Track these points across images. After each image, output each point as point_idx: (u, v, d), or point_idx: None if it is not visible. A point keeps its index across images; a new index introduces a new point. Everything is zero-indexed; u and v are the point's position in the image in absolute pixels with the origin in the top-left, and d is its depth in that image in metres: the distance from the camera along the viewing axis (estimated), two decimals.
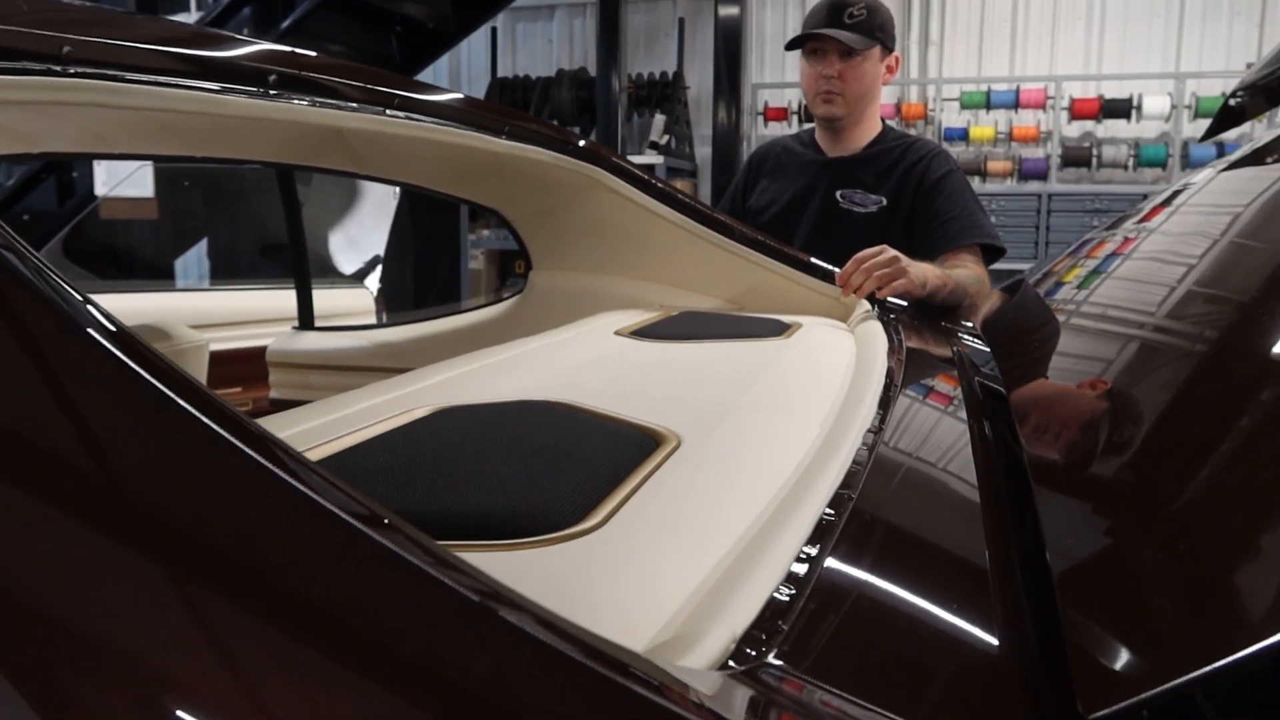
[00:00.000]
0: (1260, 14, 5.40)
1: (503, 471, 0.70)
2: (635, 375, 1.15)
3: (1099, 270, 1.57)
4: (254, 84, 0.92)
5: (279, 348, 2.26)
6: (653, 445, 0.80)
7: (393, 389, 1.00)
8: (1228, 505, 0.58)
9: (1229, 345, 0.89)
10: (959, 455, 0.88)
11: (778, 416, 0.96)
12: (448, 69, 6.71)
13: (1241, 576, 0.51)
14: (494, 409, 0.89)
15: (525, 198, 2.00)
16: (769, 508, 0.68)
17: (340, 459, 0.73)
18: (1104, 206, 5.05)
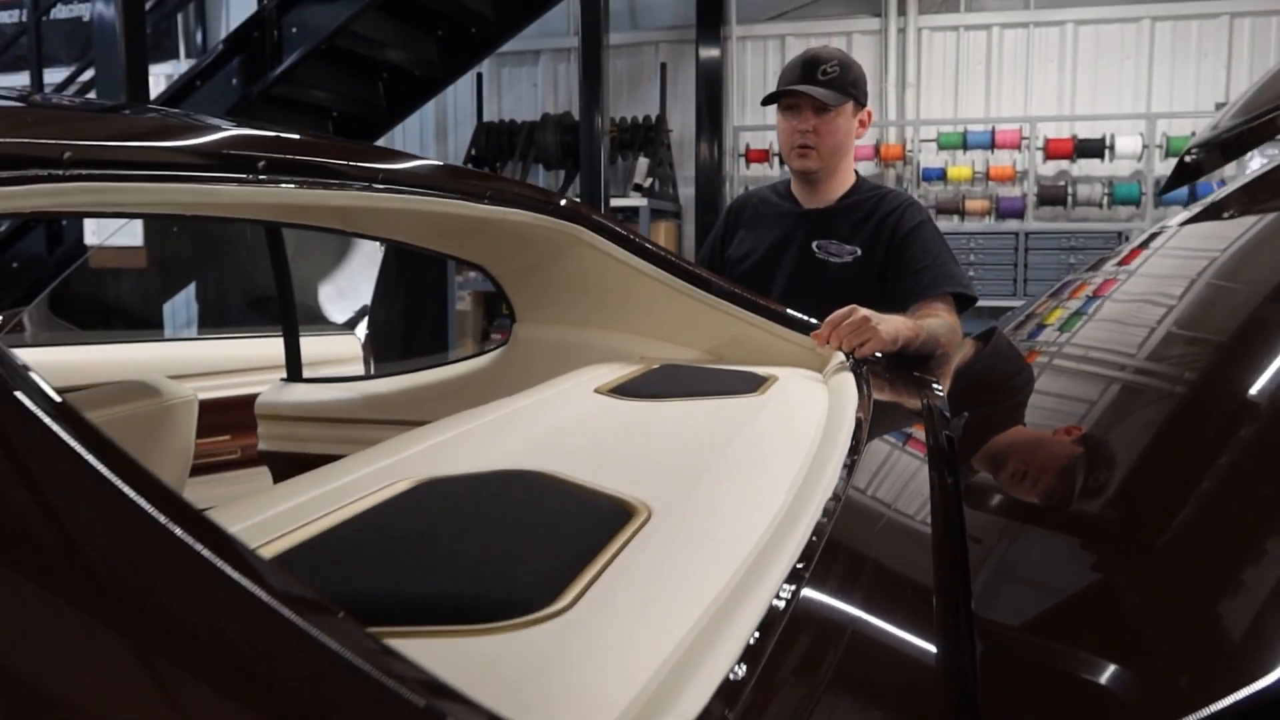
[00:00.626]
0: (1227, 54, 5.54)
1: (477, 551, 0.74)
2: (612, 438, 1.19)
3: (1066, 326, 1.62)
4: (243, 170, 0.97)
5: (267, 400, 2.29)
6: (625, 517, 0.84)
7: (378, 459, 1.04)
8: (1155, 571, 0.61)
9: (1177, 407, 0.95)
10: (918, 519, 0.92)
11: (746, 482, 1.00)
12: (434, 114, 6.80)
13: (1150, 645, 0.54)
14: (474, 480, 0.93)
15: (509, 254, 2.05)
16: (730, 584, 0.72)
17: (319, 542, 0.76)
18: (1080, 244, 5.15)
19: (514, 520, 0.83)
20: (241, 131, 1.02)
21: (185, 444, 2.09)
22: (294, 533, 0.78)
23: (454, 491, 0.90)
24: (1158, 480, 0.75)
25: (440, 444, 1.12)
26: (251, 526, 0.80)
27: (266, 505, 0.87)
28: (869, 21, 5.98)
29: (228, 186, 0.93)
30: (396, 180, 1.25)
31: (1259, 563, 0.55)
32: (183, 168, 0.90)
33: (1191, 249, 1.54)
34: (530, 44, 6.36)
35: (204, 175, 0.91)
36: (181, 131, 0.94)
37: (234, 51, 4.86)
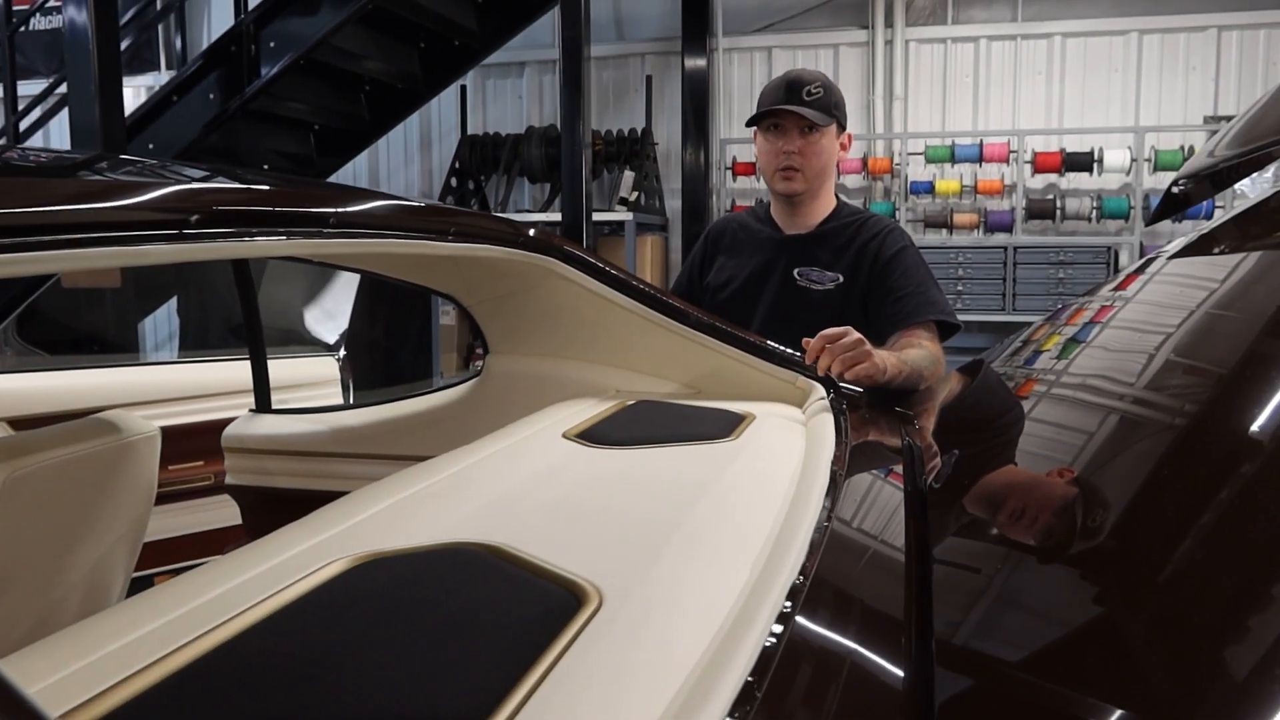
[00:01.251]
0: (1215, 68, 5.52)
1: (405, 659, 0.68)
2: (573, 498, 1.13)
3: (1062, 354, 1.57)
4: (171, 228, 0.91)
5: (235, 432, 2.22)
6: (573, 606, 0.78)
7: (322, 528, 0.97)
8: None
9: (1169, 442, 0.93)
10: (887, 603, 0.86)
11: (709, 555, 0.94)
12: (418, 127, 6.74)
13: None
14: (416, 561, 0.87)
15: (480, 285, 1.99)
16: (683, 691, 0.66)
17: (234, 646, 0.70)
18: (1069, 259, 5.11)
19: (452, 613, 0.77)
20: (172, 187, 0.96)
21: (148, 481, 2.02)
22: (210, 634, 0.72)
23: (391, 576, 0.84)
24: (1149, 518, 0.75)
25: (391, 509, 1.05)
26: (160, 629, 0.74)
27: (183, 596, 0.81)
28: (856, 34, 5.94)
29: (154, 247, 0.87)
30: (351, 224, 1.18)
31: (1254, 602, 0.56)
32: (106, 229, 0.84)
33: (1184, 282, 1.49)
34: (515, 56, 6.30)
35: (126, 235, 0.85)
36: (105, 192, 0.88)
37: (211, 66, 4.79)
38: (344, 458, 2.13)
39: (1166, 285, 1.50)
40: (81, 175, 1.11)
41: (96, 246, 0.80)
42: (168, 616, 0.76)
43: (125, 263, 0.85)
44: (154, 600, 0.80)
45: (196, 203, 0.94)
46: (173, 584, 0.84)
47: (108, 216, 0.83)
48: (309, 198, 1.14)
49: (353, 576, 0.82)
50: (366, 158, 6.58)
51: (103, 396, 3.02)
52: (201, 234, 0.93)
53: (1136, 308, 1.48)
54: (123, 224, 0.84)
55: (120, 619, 0.79)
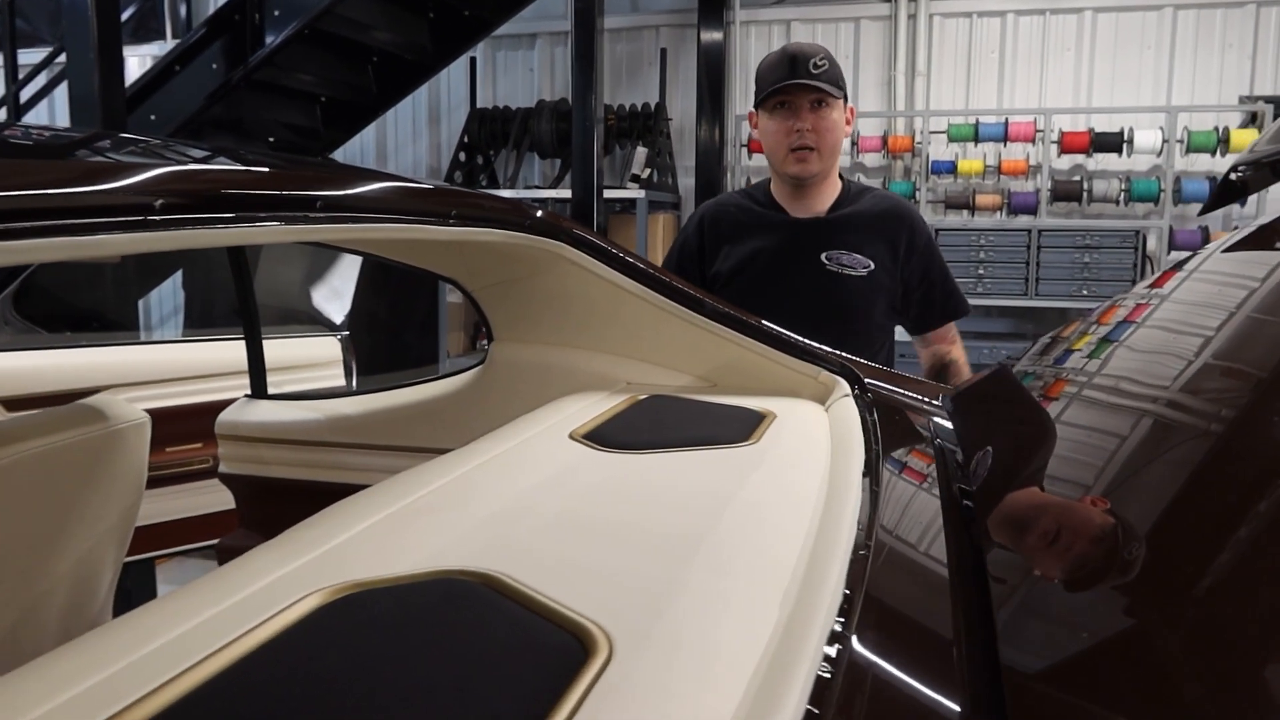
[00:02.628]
0: (1253, 46, 5.33)
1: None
2: (579, 515, 1.02)
3: (1095, 354, 1.48)
4: (135, 214, 0.80)
5: (229, 419, 2.13)
6: (579, 655, 0.67)
7: (296, 552, 0.87)
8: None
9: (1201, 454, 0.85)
10: (940, 668, 0.75)
11: (732, 590, 0.83)
12: (426, 99, 6.60)
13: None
14: (401, 596, 0.76)
15: (484, 270, 1.89)
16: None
17: (191, 703, 0.61)
18: (1096, 243, 4.96)
19: (438, 663, 0.66)
20: (143, 171, 0.85)
21: (137, 469, 1.94)
22: (154, 696, 0.62)
23: (371, 614, 0.73)
24: (1190, 531, 0.71)
25: (378, 526, 0.95)
26: (103, 683, 0.64)
27: (135, 638, 0.70)
28: (878, 7, 5.77)
29: (111, 235, 0.76)
30: (339, 207, 1.07)
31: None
32: (59, 216, 0.73)
33: (1236, 278, 1.38)
34: (526, 27, 6.15)
35: (83, 223, 0.75)
36: (68, 178, 0.77)
37: (214, 35, 4.66)
38: (342, 447, 2.04)
39: (1217, 281, 1.39)
40: (38, 157, 1.00)
41: (49, 236, 0.70)
42: (113, 667, 0.66)
43: (82, 254, 0.74)
44: (101, 643, 0.70)
45: (165, 187, 0.83)
46: (124, 621, 0.74)
47: (62, 203, 0.72)
48: (294, 179, 1.02)
49: (328, 614, 0.72)
50: (374, 131, 6.45)
51: (98, 376, 2.95)
52: (169, 221, 0.82)
53: (1181, 306, 1.37)
54: (81, 210, 0.73)
55: (62, 666, 0.69)
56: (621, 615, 0.72)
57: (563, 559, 0.86)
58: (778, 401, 1.69)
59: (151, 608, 0.76)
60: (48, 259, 0.73)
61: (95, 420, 1.83)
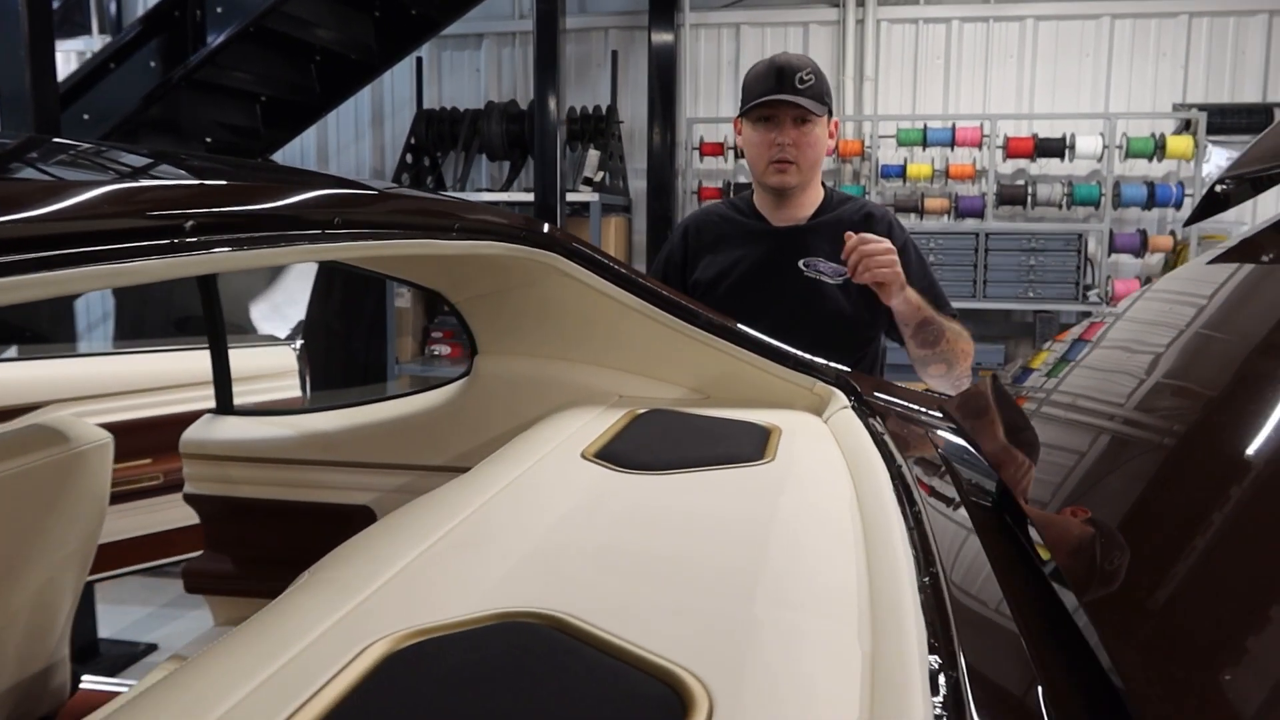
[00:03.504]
0: (1185, 55, 5.51)
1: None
2: (622, 542, 0.98)
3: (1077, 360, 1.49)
4: (168, 236, 0.74)
5: (194, 437, 2.04)
6: (678, 708, 0.63)
7: (339, 597, 0.81)
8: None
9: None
10: (1054, 682, 0.73)
11: (806, 623, 0.81)
12: (370, 101, 6.46)
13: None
14: (469, 641, 0.72)
15: (471, 281, 1.83)
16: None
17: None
18: (1040, 245, 5.07)
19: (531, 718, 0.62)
20: (171, 187, 0.79)
21: (99, 492, 1.84)
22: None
23: (444, 665, 0.68)
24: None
25: (417, 564, 0.90)
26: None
27: (199, 700, 0.65)
28: (827, 11, 5.81)
29: (146, 262, 0.71)
30: (355, 226, 1.02)
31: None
32: (92, 242, 0.67)
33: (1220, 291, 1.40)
34: (472, 27, 6.06)
35: (116, 249, 0.68)
36: (96, 206, 0.71)
37: (152, 32, 4.48)
38: (317, 465, 1.96)
39: (1204, 294, 1.41)
40: (36, 174, 0.93)
41: (77, 266, 0.64)
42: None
43: (110, 282, 0.68)
44: (156, 707, 0.65)
45: (198, 202, 0.77)
46: (172, 683, 0.68)
47: (92, 229, 0.66)
48: (309, 198, 0.97)
49: (396, 668, 0.67)
50: (315, 133, 6.29)
51: (39, 391, 2.81)
52: (192, 244, 0.76)
53: (1149, 321, 1.39)
54: (117, 236, 0.67)
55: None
56: (707, 659, 0.69)
57: (621, 595, 0.82)
58: (776, 414, 1.68)
59: (201, 666, 0.70)
60: (81, 290, 0.67)
61: (56, 442, 1.73)
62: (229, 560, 2.07)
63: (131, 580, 3.33)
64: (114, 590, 3.86)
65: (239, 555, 2.07)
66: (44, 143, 1.53)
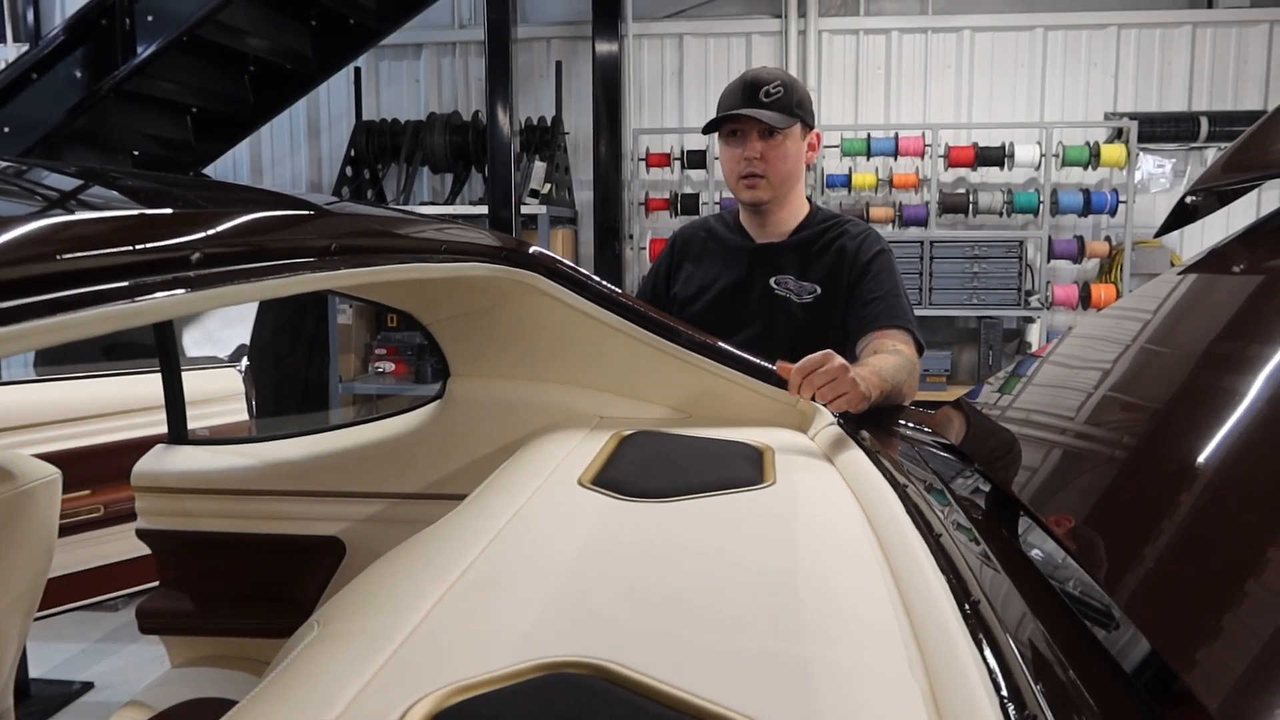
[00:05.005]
0: (1115, 65, 5.67)
1: None
2: (648, 586, 0.94)
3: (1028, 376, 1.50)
4: (176, 270, 0.68)
5: (147, 469, 1.93)
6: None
7: (366, 653, 0.76)
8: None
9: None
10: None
11: (855, 663, 0.78)
12: (305, 112, 6.30)
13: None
14: (518, 698, 0.67)
15: (444, 302, 1.77)
16: None
17: None
18: (983, 253, 5.16)
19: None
20: (184, 220, 0.73)
21: (47, 530, 1.74)
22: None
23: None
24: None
25: (441, 611, 0.84)
26: None
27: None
28: (769, 22, 5.85)
29: (154, 301, 0.65)
30: (354, 252, 0.96)
31: None
32: (103, 280, 0.61)
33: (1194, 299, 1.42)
34: (411, 37, 5.96)
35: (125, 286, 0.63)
36: (109, 235, 0.64)
37: (77, 40, 4.30)
38: (282, 495, 1.88)
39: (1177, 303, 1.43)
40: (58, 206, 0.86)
41: (92, 310, 0.58)
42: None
43: (121, 324, 0.62)
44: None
45: (210, 230, 0.71)
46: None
47: (100, 264, 0.60)
48: (321, 227, 0.91)
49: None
50: (248, 145, 6.11)
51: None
52: (205, 278, 0.71)
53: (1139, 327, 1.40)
54: (128, 272, 0.61)
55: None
56: (765, 704, 0.65)
57: (660, 638, 0.78)
58: (763, 433, 1.65)
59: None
60: (89, 334, 0.61)
61: (2, 480, 1.63)
62: (187, 598, 1.97)
63: (61, 615, 3.17)
64: (44, 627, 3.67)
65: (198, 592, 1.97)
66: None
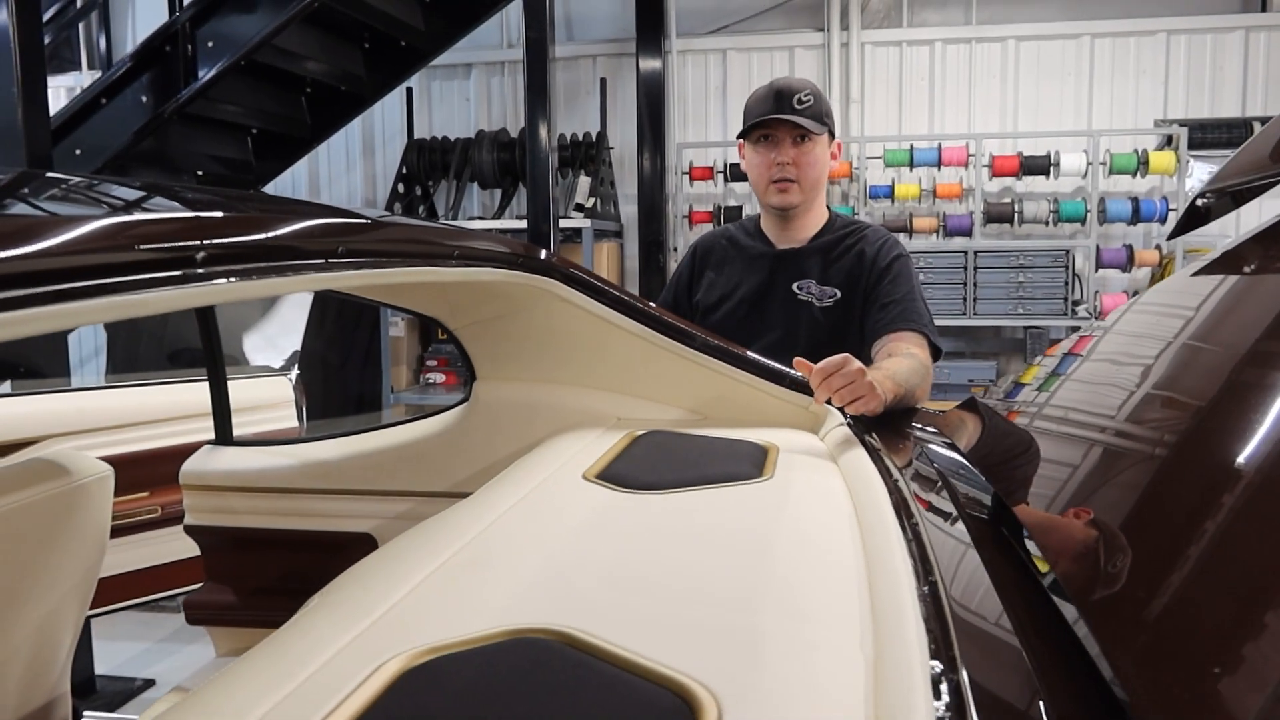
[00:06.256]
0: (1165, 72, 5.60)
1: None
2: (626, 559, 1.00)
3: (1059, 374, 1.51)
4: (180, 267, 0.76)
5: (194, 468, 2.04)
6: (687, 716, 0.65)
7: (352, 616, 0.83)
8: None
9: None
10: (1048, 684, 0.74)
11: (810, 633, 0.82)
12: (360, 132, 6.51)
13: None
14: (483, 657, 0.73)
15: (469, 307, 1.85)
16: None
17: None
18: (1029, 262, 5.12)
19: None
20: (180, 217, 0.81)
21: (100, 525, 1.84)
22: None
23: (459, 680, 0.70)
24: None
25: (427, 584, 0.91)
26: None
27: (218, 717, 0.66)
28: (812, 36, 5.89)
29: (157, 293, 0.72)
30: (360, 254, 1.04)
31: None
32: (105, 274, 0.69)
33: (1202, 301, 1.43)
34: (462, 57, 6.12)
35: (128, 280, 0.70)
36: (105, 238, 0.72)
37: (143, 67, 4.51)
38: (319, 494, 1.97)
39: (1189, 304, 1.44)
40: (60, 209, 0.95)
41: (88, 299, 0.65)
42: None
43: (123, 314, 0.70)
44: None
45: (209, 231, 0.79)
46: (201, 697, 0.69)
47: (103, 261, 0.67)
48: (313, 227, 0.99)
49: (414, 682, 0.69)
50: (306, 164, 6.33)
51: (36, 426, 2.81)
52: (204, 274, 0.78)
53: (1145, 332, 1.41)
54: (130, 268, 0.69)
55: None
56: (714, 669, 0.70)
57: (629, 610, 0.84)
58: (773, 433, 1.69)
59: (217, 688, 0.71)
60: (87, 322, 0.69)
61: (56, 475, 1.73)
62: (230, 591, 2.07)
63: (127, 615, 3.32)
64: (109, 626, 3.84)
65: (240, 586, 2.08)
66: (38, 178, 1.55)
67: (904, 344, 1.99)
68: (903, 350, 1.95)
